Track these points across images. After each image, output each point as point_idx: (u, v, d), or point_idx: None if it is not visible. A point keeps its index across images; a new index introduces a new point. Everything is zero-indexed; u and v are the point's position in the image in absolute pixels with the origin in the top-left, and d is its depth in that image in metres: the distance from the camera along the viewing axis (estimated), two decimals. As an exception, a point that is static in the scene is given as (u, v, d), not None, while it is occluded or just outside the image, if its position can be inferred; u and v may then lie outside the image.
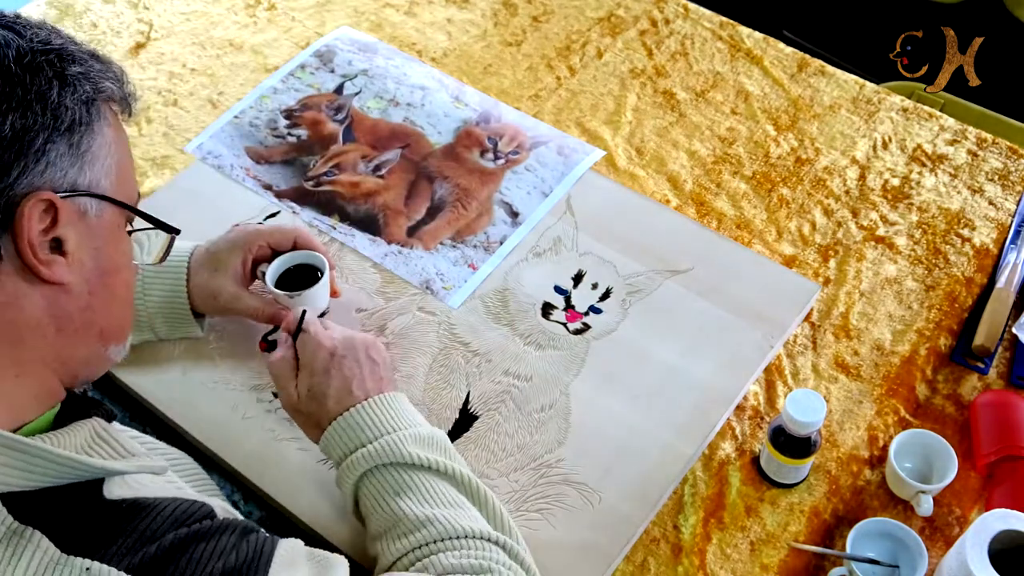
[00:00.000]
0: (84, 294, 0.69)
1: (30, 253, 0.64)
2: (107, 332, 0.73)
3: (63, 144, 0.65)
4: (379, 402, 0.89)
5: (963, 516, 0.98)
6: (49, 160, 0.65)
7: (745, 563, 0.95)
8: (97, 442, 0.68)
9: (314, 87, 1.35)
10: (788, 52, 1.42)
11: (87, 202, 0.68)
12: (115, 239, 0.71)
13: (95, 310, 0.70)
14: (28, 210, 0.63)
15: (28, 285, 0.65)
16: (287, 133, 1.30)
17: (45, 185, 0.65)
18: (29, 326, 0.66)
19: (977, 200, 1.24)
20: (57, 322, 0.68)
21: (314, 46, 1.41)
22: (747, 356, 1.07)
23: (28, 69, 0.64)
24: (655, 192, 1.25)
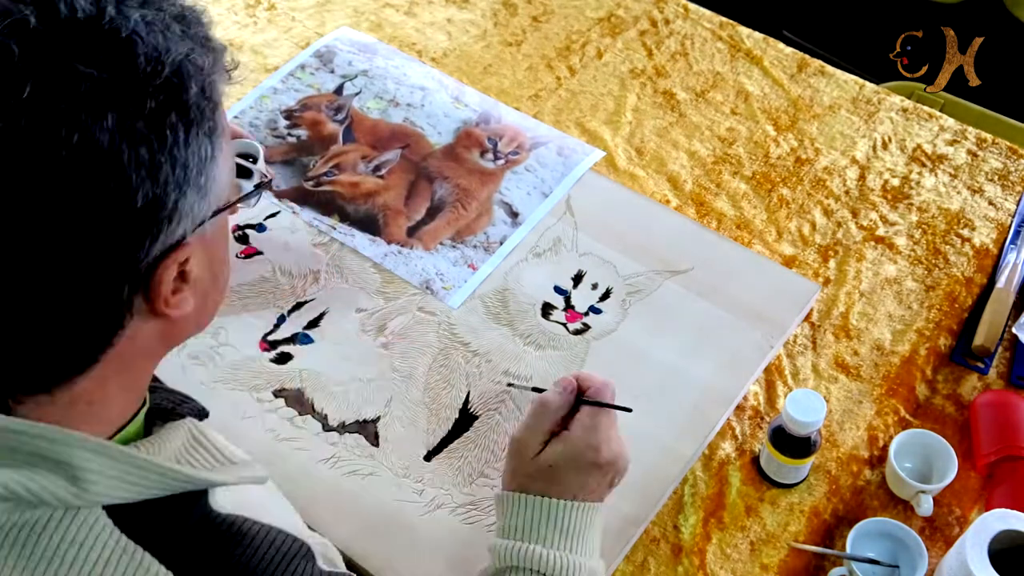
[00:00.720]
0: (199, 308, 0.65)
1: (164, 307, 0.60)
2: (206, 322, 0.70)
3: (192, 193, 0.59)
4: (583, 511, 0.84)
5: (963, 516, 0.98)
6: (181, 214, 0.58)
7: (745, 563, 0.95)
8: (195, 448, 0.65)
9: (314, 87, 1.35)
10: (788, 52, 1.42)
11: (208, 224, 0.62)
12: (223, 235, 0.67)
13: (205, 312, 0.68)
14: (165, 274, 0.59)
15: (147, 325, 0.62)
16: (287, 133, 1.30)
17: (177, 240, 0.59)
18: (144, 354, 0.64)
19: (977, 200, 1.24)
20: (168, 341, 0.65)
21: (314, 46, 1.41)
22: (747, 356, 1.07)
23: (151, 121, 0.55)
24: (655, 192, 1.25)
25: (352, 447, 1.01)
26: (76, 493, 0.57)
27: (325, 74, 1.37)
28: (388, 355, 1.08)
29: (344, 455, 1.00)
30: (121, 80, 0.54)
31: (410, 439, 1.02)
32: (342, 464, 1.00)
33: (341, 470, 0.99)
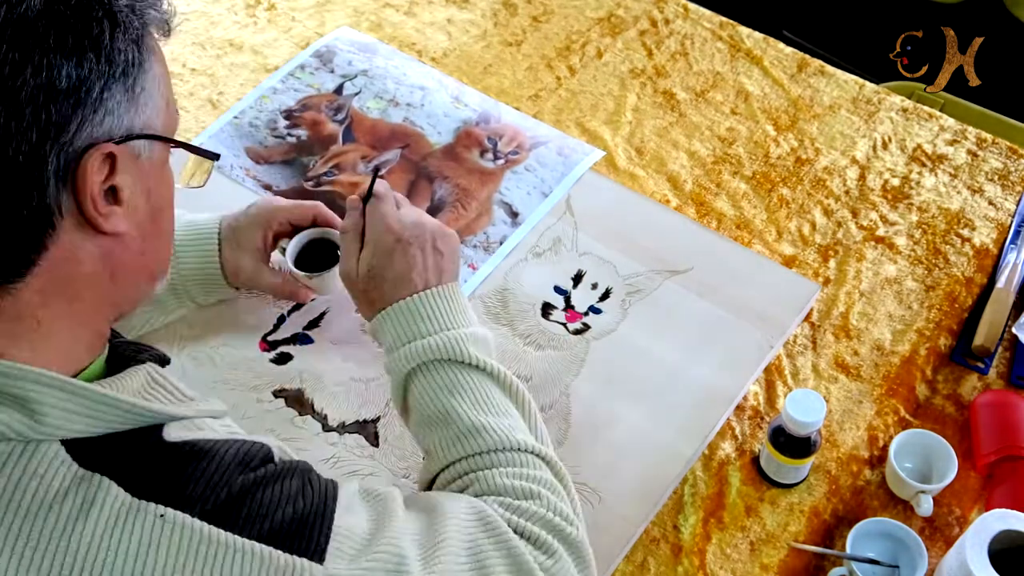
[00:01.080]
0: (138, 240, 0.68)
1: (92, 207, 0.62)
2: (157, 271, 0.73)
3: (119, 90, 0.63)
4: (438, 294, 0.90)
5: (963, 516, 0.98)
6: (107, 108, 0.62)
7: (745, 563, 0.95)
8: (154, 387, 0.68)
9: (314, 87, 1.35)
10: (788, 52, 1.42)
11: (140, 144, 0.66)
12: (163, 175, 0.70)
13: (147, 253, 0.70)
14: (90, 164, 0.61)
15: (84, 238, 0.64)
16: (287, 133, 1.30)
17: (103, 135, 0.62)
18: (86, 279, 0.65)
19: (977, 200, 1.24)
20: (112, 271, 0.67)
21: (314, 46, 1.41)
22: (747, 356, 1.07)
23: (78, 11, 0.60)
24: (655, 192, 1.25)
25: (352, 447, 1.01)
26: (33, 427, 0.60)
27: (325, 74, 1.37)
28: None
29: (344, 455, 1.00)
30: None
31: (410, 439, 1.01)
32: (342, 464, 1.00)
33: (341, 470, 0.99)
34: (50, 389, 0.61)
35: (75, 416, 0.61)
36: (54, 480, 0.60)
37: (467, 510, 0.75)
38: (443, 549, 0.70)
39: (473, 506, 0.76)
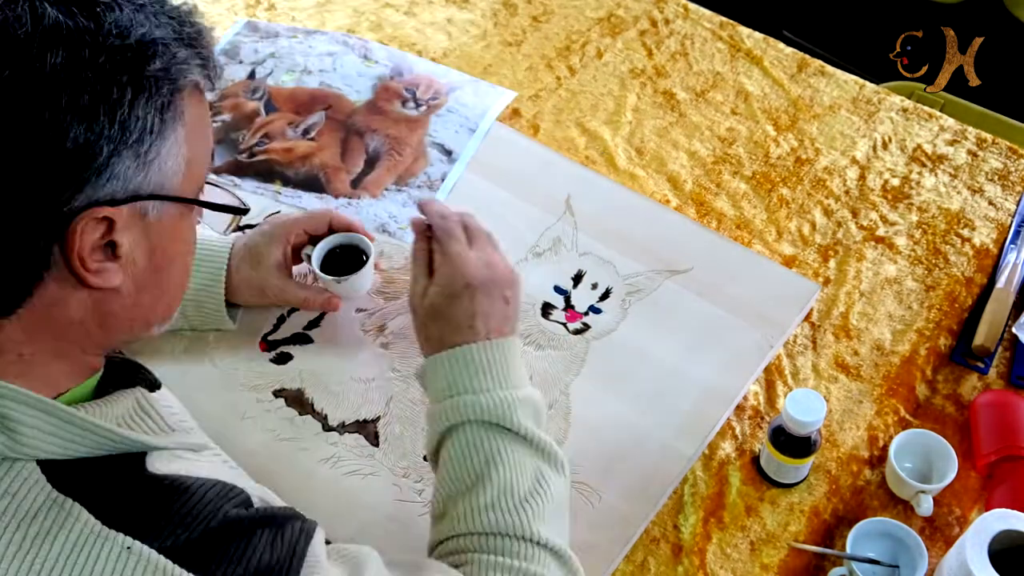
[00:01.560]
0: (132, 292, 0.66)
1: (79, 265, 0.61)
2: (153, 321, 0.71)
3: (129, 155, 0.61)
4: (498, 347, 0.86)
5: (963, 516, 0.98)
6: (113, 173, 0.60)
7: (745, 563, 0.95)
8: (139, 414, 0.67)
9: (228, 81, 1.38)
10: (788, 52, 1.42)
11: (148, 205, 0.64)
12: (176, 230, 0.68)
13: (142, 306, 0.68)
14: (82, 227, 0.60)
15: (74, 288, 0.63)
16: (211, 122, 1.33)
17: (104, 198, 0.60)
18: (73, 324, 0.65)
19: (977, 200, 1.24)
20: (101, 319, 0.66)
21: (218, 47, 1.43)
22: (747, 356, 1.07)
23: (101, 74, 0.58)
24: (655, 192, 1.25)
25: (352, 447, 1.01)
26: (9, 445, 0.59)
27: (235, 66, 1.40)
28: (388, 355, 1.08)
29: (344, 455, 1.00)
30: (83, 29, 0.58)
31: (410, 439, 1.02)
32: (342, 464, 1.00)
33: (341, 470, 0.99)
34: (28, 409, 0.60)
35: (51, 438, 0.61)
36: (25, 501, 0.60)
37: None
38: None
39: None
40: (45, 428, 0.60)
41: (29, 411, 0.60)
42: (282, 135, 1.29)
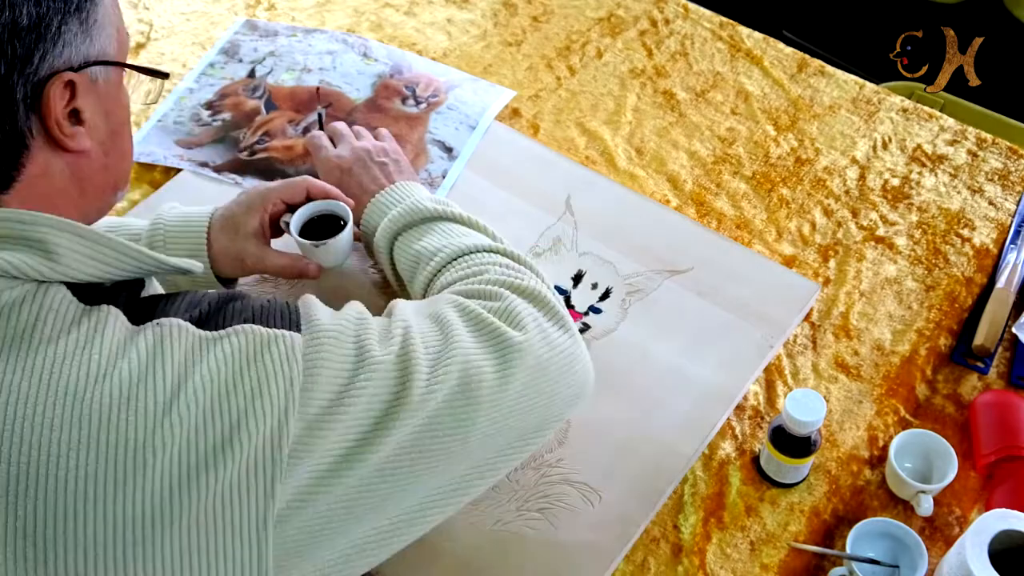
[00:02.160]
0: (101, 155, 0.76)
1: (57, 130, 0.70)
2: (120, 182, 0.81)
3: (75, 23, 0.70)
4: (392, 188, 1.04)
5: (963, 516, 0.98)
6: (65, 41, 0.69)
7: (745, 563, 0.95)
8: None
9: (228, 79, 1.38)
10: (788, 52, 1.42)
11: (97, 70, 0.73)
12: (119, 96, 0.78)
13: (110, 168, 0.78)
14: (52, 91, 0.69)
15: (55, 156, 0.72)
16: (212, 120, 1.33)
17: (63, 64, 0.70)
18: (59, 193, 0.73)
19: (977, 200, 1.24)
20: (80, 184, 0.75)
21: (218, 44, 1.43)
22: (747, 356, 1.07)
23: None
24: (655, 192, 1.25)
25: (352, 447, 1.01)
26: (50, 267, 0.67)
27: (235, 65, 1.40)
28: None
29: (344, 455, 1.00)
30: None
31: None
32: (342, 464, 1.00)
33: (341, 470, 0.99)
34: (65, 233, 0.68)
35: (86, 259, 0.69)
36: (67, 313, 0.67)
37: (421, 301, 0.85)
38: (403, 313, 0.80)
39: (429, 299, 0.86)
40: (80, 250, 0.69)
41: (66, 235, 0.68)
42: (282, 133, 1.30)
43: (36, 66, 0.68)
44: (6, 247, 0.67)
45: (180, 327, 0.69)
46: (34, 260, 0.67)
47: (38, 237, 0.68)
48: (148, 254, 0.72)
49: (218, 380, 0.67)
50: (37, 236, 0.68)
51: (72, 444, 0.63)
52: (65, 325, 0.67)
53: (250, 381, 0.68)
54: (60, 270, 0.68)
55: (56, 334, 0.66)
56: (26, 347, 0.65)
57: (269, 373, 0.68)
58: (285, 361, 0.69)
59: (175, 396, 0.66)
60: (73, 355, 0.65)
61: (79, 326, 0.67)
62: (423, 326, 0.79)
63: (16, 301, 0.66)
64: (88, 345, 0.66)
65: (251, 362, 0.68)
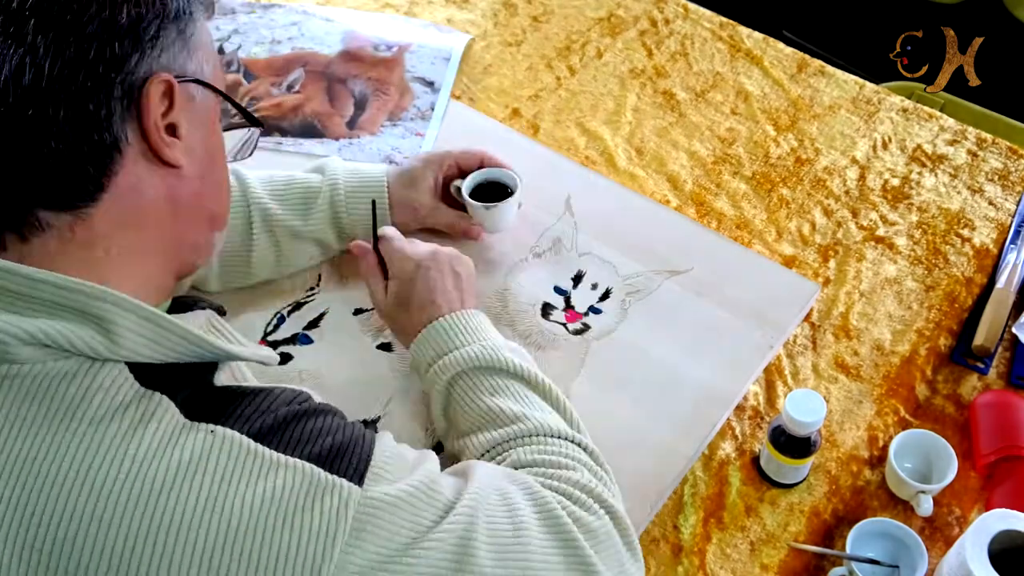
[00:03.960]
0: (196, 178, 0.73)
1: (155, 133, 0.68)
2: (214, 217, 0.78)
3: (173, 30, 0.69)
4: (467, 315, 0.96)
5: (963, 516, 0.98)
6: (163, 46, 0.68)
7: (745, 563, 0.95)
8: (214, 329, 0.72)
9: None
10: (788, 52, 1.42)
11: (195, 88, 0.72)
12: (215, 127, 0.76)
13: (205, 195, 0.75)
14: (151, 92, 0.67)
15: (149, 168, 0.69)
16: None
17: (161, 68, 0.68)
18: (150, 210, 0.70)
19: (977, 200, 1.24)
20: (173, 205, 0.72)
21: None
22: (747, 356, 1.07)
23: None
24: (655, 192, 1.25)
25: (352, 447, 1.01)
26: (108, 346, 0.64)
27: None
28: (388, 355, 1.08)
29: (344, 455, 1.00)
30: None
31: (409, 439, 1.01)
32: (342, 464, 1.00)
33: (341, 470, 0.99)
34: (128, 312, 0.65)
35: (146, 341, 0.66)
36: (118, 394, 0.64)
37: (499, 471, 0.79)
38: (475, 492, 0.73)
39: (505, 470, 0.80)
40: (142, 332, 0.65)
41: (128, 315, 0.65)
42: (268, 95, 1.35)
43: (135, 65, 0.66)
44: (65, 318, 0.64)
45: (233, 441, 0.65)
46: (91, 336, 0.64)
47: (100, 314, 0.64)
48: (214, 344, 0.68)
49: (255, 517, 0.63)
50: (99, 312, 0.64)
51: (88, 538, 0.61)
52: (111, 409, 0.63)
53: (290, 530, 0.63)
54: (115, 350, 0.64)
55: (100, 417, 0.63)
56: (64, 426, 0.62)
57: (314, 526, 0.64)
58: (334, 517, 0.65)
59: (202, 517, 0.62)
60: (111, 446, 0.62)
61: (124, 413, 0.64)
62: (495, 515, 0.73)
63: (67, 374, 0.64)
64: (128, 437, 0.63)
65: (298, 509, 0.64)
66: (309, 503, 0.64)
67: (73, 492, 0.61)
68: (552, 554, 0.73)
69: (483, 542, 0.70)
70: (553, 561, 0.73)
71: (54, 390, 0.63)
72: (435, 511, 0.70)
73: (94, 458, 0.62)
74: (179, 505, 0.62)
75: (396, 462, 0.71)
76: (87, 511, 0.61)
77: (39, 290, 0.64)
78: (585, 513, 0.77)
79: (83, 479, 0.62)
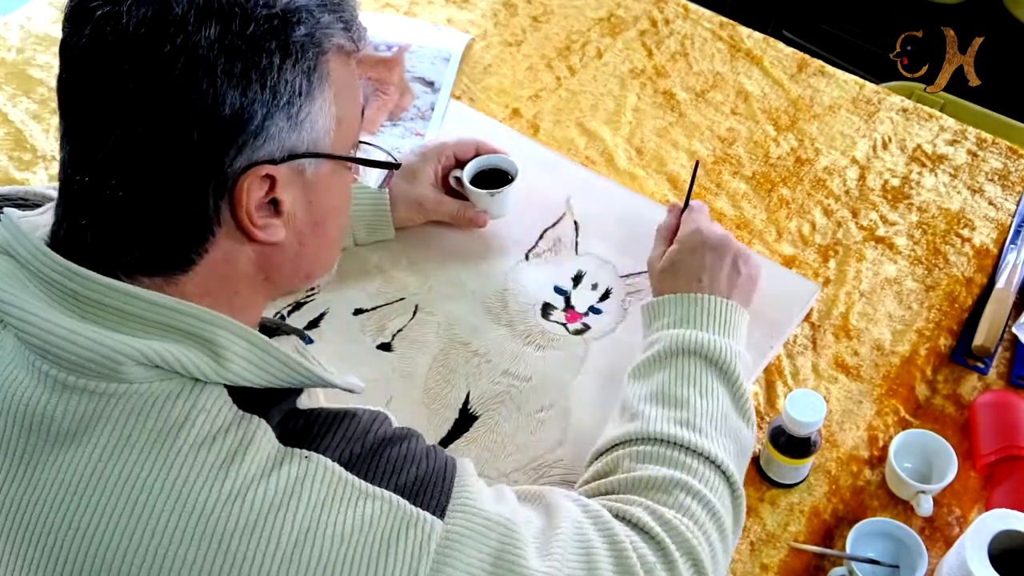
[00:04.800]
0: (295, 245, 0.72)
1: (248, 222, 0.67)
2: (314, 273, 0.77)
3: (282, 117, 0.65)
4: (731, 307, 0.96)
5: (963, 516, 0.98)
6: (268, 135, 0.65)
7: (745, 563, 0.95)
8: (301, 355, 0.72)
9: None
10: (788, 52, 1.42)
11: (305, 163, 0.69)
12: (331, 186, 0.73)
13: (304, 258, 0.74)
14: (247, 185, 0.65)
15: (241, 245, 0.69)
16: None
17: (263, 158, 0.66)
18: (242, 279, 0.71)
19: (977, 200, 1.24)
20: (267, 273, 0.72)
21: None
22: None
23: (251, 43, 0.63)
24: (655, 192, 1.25)
25: (352, 447, 1.01)
26: (216, 369, 0.65)
27: None
28: (388, 355, 1.08)
29: (344, 455, 1.00)
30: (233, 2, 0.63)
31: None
32: (342, 464, 1.00)
33: (341, 470, 0.99)
34: (236, 337, 0.66)
35: (251, 366, 0.66)
36: (219, 416, 0.65)
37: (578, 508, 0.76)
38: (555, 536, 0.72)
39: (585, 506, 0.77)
40: (248, 356, 0.66)
41: (237, 340, 0.66)
42: None
43: (233, 158, 0.64)
44: (176, 340, 0.65)
45: (327, 469, 0.66)
46: (201, 359, 0.65)
47: (211, 338, 0.65)
48: (313, 372, 0.69)
49: (346, 545, 0.64)
50: (211, 337, 0.65)
51: (186, 560, 0.62)
52: (213, 431, 0.64)
53: (376, 560, 0.64)
54: (223, 374, 0.65)
55: (202, 438, 0.64)
56: (169, 446, 0.63)
57: (398, 557, 0.65)
58: (417, 550, 0.66)
59: (300, 542, 0.63)
60: (213, 467, 0.63)
61: (226, 436, 0.64)
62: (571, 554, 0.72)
63: (171, 394, 0.64)
64: (231, 460, 0.64)
65: (384, 539, 0.65)
66: (395, 536, 0.65)
67: (175, 511, 0.62)
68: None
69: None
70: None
71: (159, 409, 0.64)
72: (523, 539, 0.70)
73: (196, 478, 0.63)
74: (277, 531, 0.63)
75: (478, 494, 0.71)
76: (188, 530, 0.62)
77: (153, 312, 0.65)
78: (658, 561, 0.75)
79: (186, 499, 0.62)
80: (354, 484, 0.66)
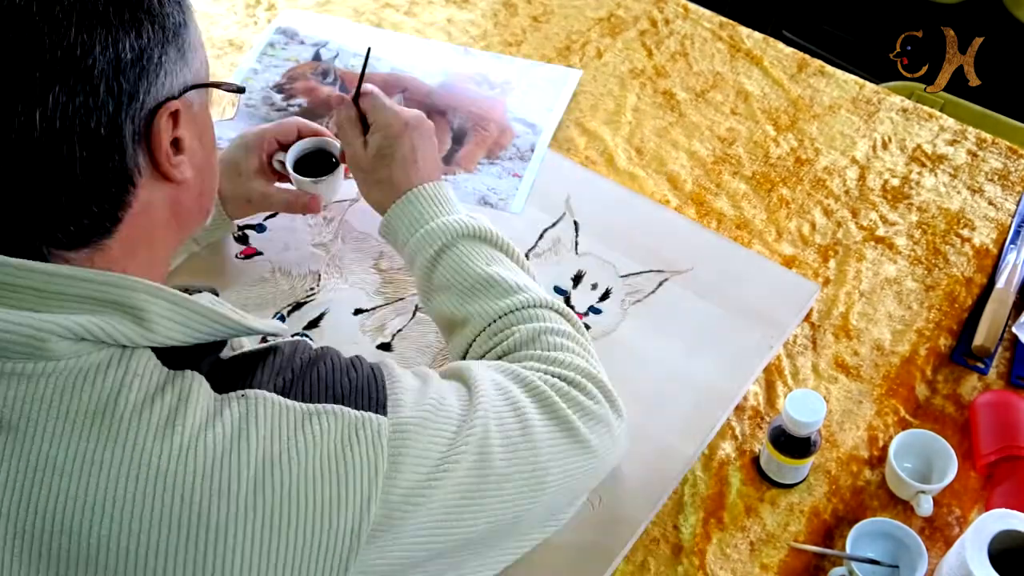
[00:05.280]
0: (198, 182, 0.75)
1: (166, 162, 0.69)
2: (208, 208, 0.80)
3: (173, 51, 0.69)
4: (441, 186, 1.00)
5: (963, 516, 0.98)
6: (166, 70, 0.68)
7: (745, 563, 0.95)
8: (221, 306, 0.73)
9: (292, 60, 1.39)
10: (788, 52, 1.42)
11: (192, 95, 0.72)
12: (207, 117, 0.76)
13: (204, 194, 0.77)
14: (160, 123, 0.68)
15: (156, 190, 0.71)
16: (287, 105, 1.34)
17: (167, 95, 0.68)
18: (159, 227, 0.72)
19: (977, 200, 1.24)
20: (178, 215, 0.74)
21: (274, 24, 1.44)
22: (747, 356, 1.07)
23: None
24: (655, 192, 1.25)
25: (352, 447, 1.01)
26: (142, 333, 0.66)
27: (296, 46, 1.41)
28: (388, 355, 1.08)
29: (344, 455, 1.00)
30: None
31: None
32: (342, 464, 1.00)
33: (341, 470, 0.99)
34: (156, 299, 0.67)
35: (176, 324, 0.67)
36: (152, 378, 0.66)
37: (494, 370, 0.83)
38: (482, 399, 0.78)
39: (500, 367, 0.84)
40: (171, 316, 0.67)
41: (159, 302, 0.67)
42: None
43: (142, 100, 0.67)
44: (97, 311, 0.65)
45: (266, 400, 0.68)
46: (125, 326, 0.66)
47: (133, 303, 0.66)
48: (236, 320, 0.71)
49: (304, 465, 0.66)
50: (132, 302, 0.66)
51: (153, 521, 0.63)
52: (150, 393, 0.65)
53: (336, 471, 0.67)
54: (149, 336, 0.66)
55: (141, 402, 0.65)
56: (110, 415, 0.64)
57: (356, 463, 0.68)
58: (371, 448, 0.69)
59: (259, 477, 0.65)
60: (158, 427, 0.64)
61: (163, 395, 0.65)
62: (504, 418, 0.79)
63: (101, 365, 0.65)
64: (173, 416, 0.65)
65: (338, 449, 0.68)
66: (348, 442, 0.68)
67: (131, 476, 0.63)
68: (557, 443, 0.81)
69: (497, 446, 0.76)
70: (557, 450, 0.80)
71: (91, 381, 0.65)
72: (451, 425, 0.74)
73: (144, 440, 0.64)
74: (236, 471, 0.65)
75: (408, 385, 0.75)
76: (148, 492, 0.63)
77: (70, 286, 0.65)
78: (586, 399, 0.85)
79: (139, 462, 0.63)
80: (295, 408, 0.68)
